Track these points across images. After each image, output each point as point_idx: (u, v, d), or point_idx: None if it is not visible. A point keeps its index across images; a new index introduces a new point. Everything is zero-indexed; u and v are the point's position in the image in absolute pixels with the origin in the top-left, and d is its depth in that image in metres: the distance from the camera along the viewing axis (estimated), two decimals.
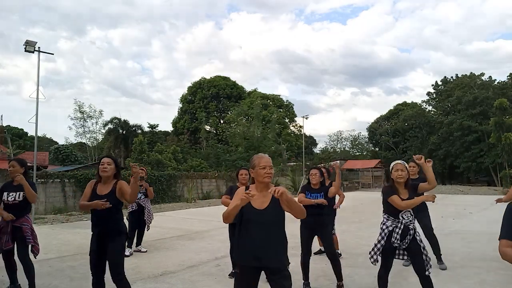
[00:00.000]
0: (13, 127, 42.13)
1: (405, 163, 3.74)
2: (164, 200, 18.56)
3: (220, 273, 5.29)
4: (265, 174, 2.72)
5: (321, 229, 4.51)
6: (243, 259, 2.70)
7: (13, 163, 4.26)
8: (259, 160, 2.77)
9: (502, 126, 29.75)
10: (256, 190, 2.76)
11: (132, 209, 6.74)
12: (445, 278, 4.97)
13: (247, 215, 2.68)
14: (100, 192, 3.51)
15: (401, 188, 3.66)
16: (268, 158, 2.81)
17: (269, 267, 2.64)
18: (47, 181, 14.97)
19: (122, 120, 35.78)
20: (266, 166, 2.73)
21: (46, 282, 4.83)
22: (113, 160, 3.64)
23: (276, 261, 2.63)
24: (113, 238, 3.42)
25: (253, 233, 2.65)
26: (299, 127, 45.70)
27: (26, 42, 10.88)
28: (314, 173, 4.68)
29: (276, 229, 2.68)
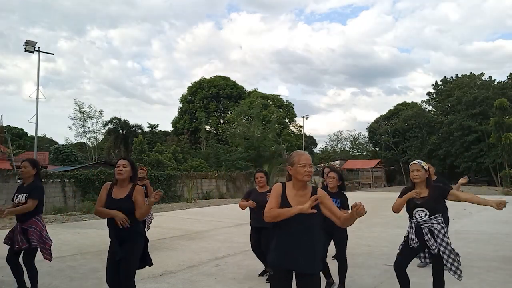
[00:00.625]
0: (13, 127, 42.10)
1: (421, 163, 3.67)
2: (164, 200, 18.55)
3: (220, 273, 5.29)
4: (306, 172, 2.59)
5: (338, 233, 4.47)
6: (279, 261, 2.61)
7: (25, 163, 4.18)
8: (299, 157, 2.64)
9: (502, 126, 29.75)
10: (294, 188, 2.66)
11: None
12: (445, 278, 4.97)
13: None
14: (115, 195, 3.38)
15: (419, 188, 3.63)
16: (308, 155, 2.69)
17: (301, 272, 2.56)
18: (47, 181, 14.96)
19: (122, 120, 35.79)
20: (306, 164, 2.61)
21: (46, 282, 4.82)
22: (130, 162, 3.51)
23: (311, 266, 2.54)
24: (130, 241, 3.31)
25: (290, 234, 2.55)
26: (299, 127, 45.72)
27: (26, 42, 10.89)
28: (333, 176, 4.51)
29: (313, 232, 2.57)
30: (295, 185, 2.66)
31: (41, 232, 4.10)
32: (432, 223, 3.53)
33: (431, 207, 3.54)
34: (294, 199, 2.60)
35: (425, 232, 3.51)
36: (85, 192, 15.71)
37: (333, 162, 41.41)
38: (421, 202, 3.56)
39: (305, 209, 2.38)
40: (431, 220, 3.54)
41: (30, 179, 4.16)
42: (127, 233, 3.29)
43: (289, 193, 2.65)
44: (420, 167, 3.61)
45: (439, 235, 3.50)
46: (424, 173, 3.60)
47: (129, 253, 3.28)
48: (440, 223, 3.55)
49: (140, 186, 3.48)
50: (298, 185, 2.65)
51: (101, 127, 35.31)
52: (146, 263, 3.47)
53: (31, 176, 4.15)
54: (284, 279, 2.58)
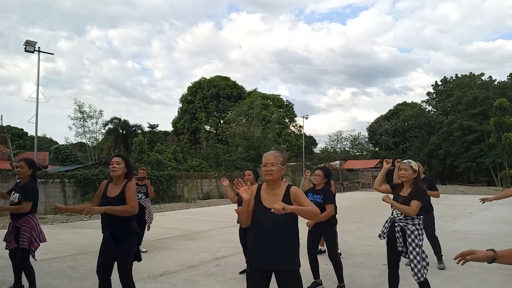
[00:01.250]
0: (13, 127, 42.12)
1: (411, 162, 3.69)
2: (164, 200, 18.55)
3: (220, 273, 5.29)
4: (265, 172, 2.65)
5: (326, 230, 4.52)
6: (253, 260, 2.65)
7: (21, 163, 4.22)
8: (263, 158, 2.73)
9: (502, 126, 29.76)
10: (267, 188, 2.70)
11: None
12: (445, 278, 4.98)
13: (257, 214, 2.63)
14: (110, 193, 3.44)
15: (406, 187, 3.67)
16: (272, 154, 2.71)
17: (279, 269, 2.57)
18: (47, 181, 14.96)
19: (122, 120, 35.81)
20: (267, 163, 2.66)
21: (46, 282, 4.82)
22: (124, 159, 3.54)
23: (286, 263, 2.55)
24: (123, 239, 3.35)
25: (263, 233, 2.59)
26: (299, 127, 45.72)
27: (26, 42, 10.90)
28: (318, 173, 4.62)
29: (287, 230, 2.59)
30: (267, 185, 2.71)
31: (32, 231, 4.11)
32: (406, 223, 3.57)
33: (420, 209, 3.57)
34: (267, 199, 2.63)
35: (397, 230, 3.61)
36: (85, 192, 15.70)
37: (333, 162, 41.41)
38: (401, 201, 3.59)
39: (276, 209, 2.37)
40: (406, 220, 3.57)
41: (26, 179, 4.20)
42: (121, 232, 3.34)
43: (263, 194, 2.68)
44: (408, 167, 3.63)
45: (411, 235, 3.53)
46: (411, 173, 3.61)
47: (125, 251, 3.34)
48: (415, 224, 3.55)
49: (132, 183, 3.50)
50: (269, 185, 2.69)
51: (101, 127, 35.35)
52: (135, 258, 3.53)
53: (27, 176, 4.19)
54: (259, 279, 2.60)
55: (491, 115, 32.69)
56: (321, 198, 4.45)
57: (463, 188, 28.72)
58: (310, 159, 43.90)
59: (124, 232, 3.35)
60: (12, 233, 4.09)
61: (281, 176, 2.72)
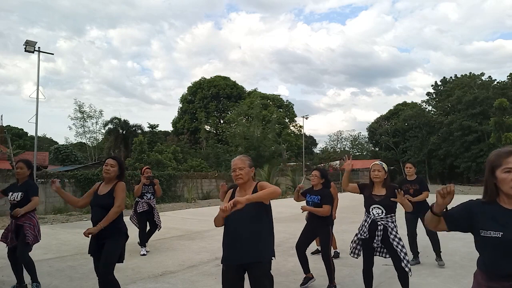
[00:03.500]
0: (13, 127, 42.13)
1: (383, 164, 3.93)
2: (164, 200, 18.55)
3: (220, 273, 5.26)
4: (235, 176, 2.83)
5: (320, 230, 4.55)
6: (225, 257, 2.76)
7: (21, 164, 4.33)
8: (231, 163, 2.90)
9: (502, 126, 29.76)
10: (240, 190, 2.88)
11: (142, 210, 6.71)
12: (445, 278, 4.97)
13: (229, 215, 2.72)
14: (100, 191, 3.55)
15: (377, 187, 3.87)
16: (238, 159, 2.87)
17: (247, 263, 2.66)
18: (47, 181, 14.97)
19: (122, 120, 35.79)
20: (235, 168, 2.83)
21: (46, 282, 4.82)
22: (117, 161, 3.62)
23: (254, 255, 2.64)
24: (111, 237, 3.40)
25: (233, 229, 2.73)
26: (299, 127, 45.74)
27: (26, 42, 10.89)
28: (314, 174, 4.68)
29: (257, 223, 2.70)
30: (240, 187, 2.90)
31: (35, 228, 4.26)
32: (387, 221, 3.79)
33: (386, 205, 3.77)
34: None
35: (379, 228, 3.76)
36: (85, 192, 15.72)
37: (333, 162, 41.41)
38: (379, 200, 3.80)
39: (222, 210, 2.41)
40: (386, 218, 3.79)
41: (25, 179, 4.33)
42: (107, 230, 3.37)
43: (237, 195, 2.85)
44: (381, 168, 3.86)
45: (392, 232, 3.75)
46: (383, 174, 3.84)
47: (109, 250, 3.37)
48: (393, 221, 3.82)
49: (122, 182, 3.57)
50: (241, 188, 2.88)
51: (101, 127, 35.38)
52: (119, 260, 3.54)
53: (26, 176, 4.33)
54: (232, 276, 2.72)
55: (491, 115, 32.70)
56: (318, 198, 4.50)
57: (463, 188, 28.71)
58: (310, 159, 43.91)
59: (111, 231, 3.39)
60: (14, 232, 4.20)
61: (251, 177, 2.87)
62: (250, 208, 2.60)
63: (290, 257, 4.73)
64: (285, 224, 8.25)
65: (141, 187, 6.63)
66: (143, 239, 6.60)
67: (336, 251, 6.25)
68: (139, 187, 6.64)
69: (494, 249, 1.74)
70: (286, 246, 6.74)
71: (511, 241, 1.68)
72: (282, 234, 7.77)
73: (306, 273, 4.59)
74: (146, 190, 6.76)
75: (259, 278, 2.65)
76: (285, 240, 7.27)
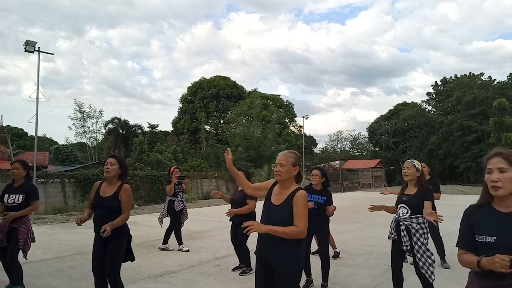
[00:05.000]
0: (13, 127, 42.14)
1: (414, 162, 3.77)
2: (164, 200, 18.52)
3: (220, 273, 5.29)
4: (275, 171, 2.71)
5: (319, 228, 4.55)
6: (257, 253, 2.71)
7: (17, 165, 4.27)
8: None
9: (502, 126, 29.77)
10: (278, 186, 2.74)
11: (180, 208, 6.94)
12: (445, 278, 4.98)
13: (264, 208, 2.72)
14: (103, 193, 3.48)
15: (410, 186, 3.74)
16: (283, 155, 2.72)
17: (273, 266, 2.59)
18: (47, 181, 14.97)
19: (122, 120, 35.80)
20: (276, 163, 2.71)
21: (46, 282, 4.82)
22: (118, 160, 3.56)
23: (280, 260, 2.55)
24: (113, 239, 3.38)
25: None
26: (299, 127, 45.74)
27: (26, 42, 10.88)
28: (315, 173, 4.66)
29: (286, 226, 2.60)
30: (279, 183, 2.75)
31: (28, 232, 4.23)
32: (411, 222, 3.61)
33: (412, 205, 3.61)
34: (274, 196, 2.71)
35: (402, 229, 3.63)
36: (85, 192, 15.70)
37: (333, 162, 41.42)
38: (406, 199, 3.67)
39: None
40: (411, 219, 3.61)
41: (22, 180, 4.27)
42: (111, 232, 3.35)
43: (274, 190, 2.75)
44: (411, 166, 3.72)
45: (416, 234, 3.56)
46: (414, 172, 3.69)
47: (113, 252, 3.38)
48: (420, 223, 3.60)
49: (127, 185, 3.54)
50: (280, 184, 2.74)
51: (101, 127, 35.38)
52: (128, 258, 3.57)
53: (22, 177, 4.27)
54: (262, 272, 2.65)
55: (491, 115, 32.71)
56: (323, 199, 4.51)
57: (463, 188, 28.72)
58: (310, 159, 43.91)
59: (114, 232, 3.36)
60: (5, 234, 4.12)
61: (293, 177, 2.70)
62: (286, 210, 2.57)
63: None
64: None
65: (173, 187, 6.81)
66: (166, 237, 6.94)
67: (336, 251, 6.25)
68: (171, 187, 6.84)
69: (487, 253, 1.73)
70: None
71: (503, 246, 1.68)
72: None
73: (308, 277, 4.59)
74: (178, 189, 6.98)
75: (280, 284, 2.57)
76: None
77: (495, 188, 1.74)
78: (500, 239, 1.70)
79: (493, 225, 1.76)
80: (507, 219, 1.73)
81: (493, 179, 1.75)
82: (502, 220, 1.74)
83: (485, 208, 1.83)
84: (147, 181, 18.33)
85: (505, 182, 1.72)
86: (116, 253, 3.41)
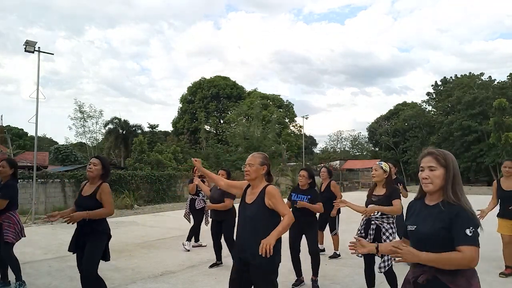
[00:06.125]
0: (13, 127, 42.13)
1: (381, 164, 3.98)
2: (164, 200, 18.56)
3: (220, 273, 5.29)
4: (244, 172, 2.91)
5: (308, 229, 4.58)
6: (235, 250, 2.90)
7: (3, 163, 4.36)
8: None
9: (502, 126, 29.77)
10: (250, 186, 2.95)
11: (201, 206, 6.99)
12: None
13: (240, 208, 2.92)
14: (84, 192, 3.60)
15: (378, 187, 3.95)
16: (251, 156, 2.95)
17: (249, 261, 2.72)
18: (47, 181, 14.96)
19: (122, 120, 35.81)
20: (246, 164, 2.91)
21: (46, 282, 4.83)
22: (101, 161, 3.67)
23: (256, 257, 2.65)
24: (91, 238, 3.45)
25: (240, 225, 2.86)
26: (299, 127, 45.73)
27: (26, 42, 10.87)
28: (302, 174, 4.73)
29: (260, 224, 2.74)
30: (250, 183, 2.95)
31: (15, 226, 4.27)
32: (382, 221, 3.82)
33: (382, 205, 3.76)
34: (248, 196, 2.92)
35: (372, 227, 3.81)
36: None
37: (333, 162, 41.42)
38: (376, 200, 3.83)
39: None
40: (382, 219, 3.83)
41: (7, 178, 4.34)
42: (89, 230, 3.44)
43: (247, 191, 2.96)
44: (379, 167, 3.91)
45: (385, 233, 3.77)
46: (381, 173, 3.88)
47: (90, 250, 3.43)
48: (390, 223, 3.83)
49: (106, 184, 3.61)
50: (251, 184, 2.94)
51: (101, 127, 35.35)
52: (105, 258, 3.59)
53: (8, 175, 4.33)
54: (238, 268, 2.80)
55: (491, 115, 32.70)
56: (308, 198, 4.54)
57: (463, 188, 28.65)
58: (310, 159, 43.92)
59: (93, 230, 3.45)
60: None
61: (262, 176, 2.91)
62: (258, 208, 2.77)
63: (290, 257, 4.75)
64: None
65: (195, 186, 6.87)
66: (196, 234, 7.07)
67: (335, 252, 6.27)
68: (193, 186, 6.90)
69: (412, 241, 1.96)
70: (286, 245, 6.73)
71: (419, 234, 1.89)
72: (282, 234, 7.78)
73: (298, 276, 4.66)
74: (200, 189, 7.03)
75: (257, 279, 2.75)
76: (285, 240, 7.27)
77: (425, 185, 1.92)
78: (419, 228, 1.91)
79: (418, 216, 1.97)
80: (429, 211, 1.92)
81: (423, 176, 1.92)
82: (426, 211, 1.94)
83: (419, 202, 2.04)
84: (147, 181, 18.33)
85: (434, 179, 1.89)
86: (93, 251, 3.44)
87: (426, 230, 1.86)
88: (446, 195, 1.89)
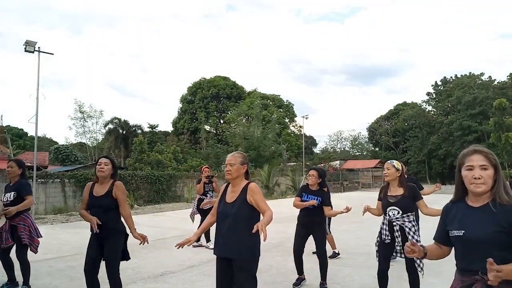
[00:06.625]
0: (13, 127, 42.13)
1: (393, 162, 3.87)
2: (164, 200, 18.56)
3: None
4: (225, 172, 2.95)
5: (316, 228, 4.57)
6: (215, 249, 2.91)
7: (11, 163, 4.36)
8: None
9: (502, 126, 29.77)
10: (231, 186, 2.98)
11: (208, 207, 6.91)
12: (445, 278, 4.97)
13: (219, 208, 2.94)
14: (96, 193, 3.53)
15: (392, 186, 3.84)
16: (231, 155, 2.98)
17: (231, 258, 2.77)
18: (47, 181, 14.97)
19: (122, 120, 35.83)
20: (226, 164, 2.94)
21: (46, 282, 4.83)
22: (111, 160, 3.66)
23: (238, 253, 2.73)
24: (110, 237, 3.44)
25: (222, 224, 2.87)
26: (299, 127, 45.75)
27: (26, 42, 10.87)
28: (312, 173, 4.70)
29: (242, 222, 2.77)
30: (231, 183, 2.99)
31: (30, 228, 4.25)
32: (403, 221, 3.72)
33: (403, 206, 3.71)
34: (228, 194, 2.95)
35: (396, 229, 3.71)
36: None
37: (333, 162, 41.41)
38: (394, 201, 3.74)
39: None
40: (402, 218, 3.73)
41: (16, 178, 4.32)
42: (106, 231, 3.42)
43: (227, 190, 2.99)
44: (391, 166, 3.81)
45: (410, 232, 3.69)
46: (394, 172, 3.78)
47: (111, 251, 3.44)
48: (411, 221, 3.73)
49: (120, 182, 3.60)
50: (232, 183, 2.98)
51: (101, 127, 35.37)
52: (124, 258, 3.59)
53: (17, 175, 4.31)
54: (221, 266, 2.85)
55: (491, 115, 32.71)
56: (319, 200, 4.52)
57: None
58: (310, 159, 43.91)
59: (111, 231, 3.44)
60: (8, 232, 4.18)
61: (242, 175, 2.96)
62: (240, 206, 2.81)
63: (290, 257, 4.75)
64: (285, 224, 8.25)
65: (203, 186, 6.96)
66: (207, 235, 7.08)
67: (334, 252, 6.26)
68: (201, 186, 7.01)
69: (459, 247, 1.84)
70: (287, 245, 6.73)
71: (471, 239, 1.75)
72: (282, 234, 7.77)
73: (300, 275, 4.67)
74: (208, 188, 7.14)
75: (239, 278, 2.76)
76: (285, 240, 7.27)
77: (477, 185, 1.77)
78: (469, 233, 1.77)
79: (463, 220, 1.82)
80: (476, 213, 1.79)
81: (476, 176, 1.77)
82: (472, 214, 1.80)
83: (459, 204, 1.90)
84: (147, 181, 18.33)
85: (487, 179, 1.76)
86: (114, 252, 3.46)
87: (478, 234, 1.73)
88: (498, 195, 1.75)
